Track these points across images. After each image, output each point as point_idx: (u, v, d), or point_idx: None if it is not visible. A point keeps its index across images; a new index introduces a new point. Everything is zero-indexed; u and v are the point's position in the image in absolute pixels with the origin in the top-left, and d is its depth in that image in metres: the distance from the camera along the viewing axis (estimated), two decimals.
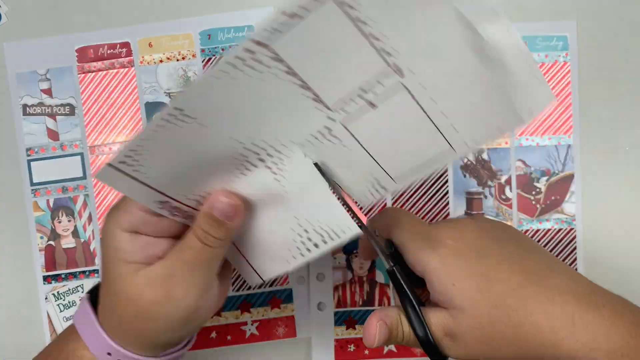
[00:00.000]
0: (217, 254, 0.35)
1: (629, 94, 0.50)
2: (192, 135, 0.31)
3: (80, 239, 0.49)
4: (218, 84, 0.29)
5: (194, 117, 0.30)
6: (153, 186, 0.33)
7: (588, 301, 0.33)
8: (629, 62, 0.50)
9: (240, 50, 0.28)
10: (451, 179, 0.49)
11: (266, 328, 0.50)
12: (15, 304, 0.49)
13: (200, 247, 0.34)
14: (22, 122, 0.49)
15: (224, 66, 0.28)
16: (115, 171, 0.31)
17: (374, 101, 0.31)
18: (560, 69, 0.49)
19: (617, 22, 0.50)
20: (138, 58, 0.50)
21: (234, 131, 0.32)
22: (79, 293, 0.49)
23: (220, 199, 0.34)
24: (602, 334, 0.32)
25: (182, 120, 0.30)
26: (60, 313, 0.49)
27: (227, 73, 0.29)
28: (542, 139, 0.49)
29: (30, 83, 0.49)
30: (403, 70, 0.29)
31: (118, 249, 0.35)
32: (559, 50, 0.49)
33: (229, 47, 0.50)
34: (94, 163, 0.50)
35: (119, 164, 0.31)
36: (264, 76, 0.29)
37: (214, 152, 0.32)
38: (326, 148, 0.33)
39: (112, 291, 0.35)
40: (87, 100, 0.49)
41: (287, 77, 0.29)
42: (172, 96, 0.49)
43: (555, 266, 0.36)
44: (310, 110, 0.31)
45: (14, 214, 0.49)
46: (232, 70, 0.28)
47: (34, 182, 0.49)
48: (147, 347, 0.36)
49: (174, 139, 0.31)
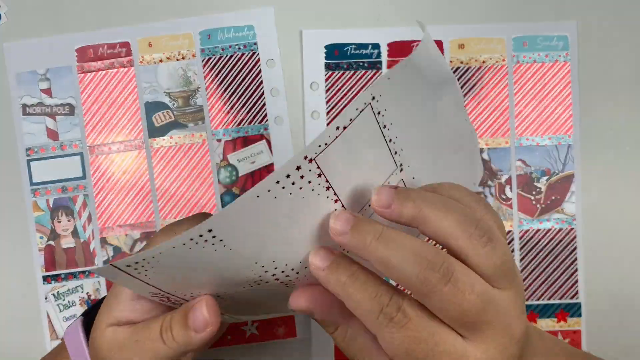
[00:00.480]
0: (168, 354, 0.33)
1: (629, 94, 0.50)
2: (213, 255, 0.28)
3: (80, 238, 0.49)
4: (259, 204, 0.26)
5: (221, 239, 0.27)
6: (154, 285, 0.31)
7: None
8: (629, 62, 0.50)
9: (291, 168, 0.25)
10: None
11: (266, 328, 0.50)
12: (14, 304, 0.49)
13: (157, 338, 0.33)
14: (22, 122, 0.49)
15: (272, 185, 0.26)
16: (118, 271, 0.29)
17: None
18: (560, 68, 0.49)
19: (618, 22, 0.50)
20: (138, 58, 0.50)
21: (260, 255, 0.28)
22: (79, 293, 0.49)
23: (201, 309, 0.32)
24: None
25: (208, 242, 0.27)
26: (60, 313, 0.49)
27: (270, 192, 0.26)
28: (542, 138, 0.49)
29: (30, 83, 0.49)
30: (403, 166, 0.30)
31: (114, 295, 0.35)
32: (559, 50, 0.49)
33: (229, 46, 0.50)
34: (94, 163, 0.50)
35: (126, 267, 0.29)
36: (305, 193, 0.27)
37: (229, 271, 0.29)
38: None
39: (94, 327, 0.36)
40: (86, 100, 0.49)
41: (326, 193, 0.27)
42: (171, 95, 0.49)
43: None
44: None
45: (14, 214, 0.49)
46: (277, 190, 0.26)
47: (34, 182, 0.49)
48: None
49: (192, 257, 0.28)
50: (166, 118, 0.50)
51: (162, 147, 0.50)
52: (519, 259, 0.49)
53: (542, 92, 0.49)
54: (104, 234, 0.49)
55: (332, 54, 0.49)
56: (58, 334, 0.49)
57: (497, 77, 0.49)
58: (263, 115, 0.50)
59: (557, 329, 0.49)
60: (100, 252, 0.49)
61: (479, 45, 0.49)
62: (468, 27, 0.49)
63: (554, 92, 0.49)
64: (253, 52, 0.50)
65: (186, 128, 0.50)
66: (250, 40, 0.50)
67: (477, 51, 0.49)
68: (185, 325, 0.32)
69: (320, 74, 0.49)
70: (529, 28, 0.49)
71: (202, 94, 0.50)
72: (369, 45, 0.49)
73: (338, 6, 0.50)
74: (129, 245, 0.49)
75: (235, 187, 0.50)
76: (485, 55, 0.49)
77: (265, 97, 0.50)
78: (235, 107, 0.50)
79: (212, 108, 0.50)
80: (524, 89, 0.49)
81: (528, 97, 0.49)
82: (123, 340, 0.34)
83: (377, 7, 0.50)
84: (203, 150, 0.50)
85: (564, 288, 0.49)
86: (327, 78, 0.49)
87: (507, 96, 0.49)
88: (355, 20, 0.50)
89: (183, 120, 0.50)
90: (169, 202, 0.50)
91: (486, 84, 0.49)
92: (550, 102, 0.49)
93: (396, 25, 0.50)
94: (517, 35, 0.49)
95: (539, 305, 0.49)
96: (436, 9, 0.50)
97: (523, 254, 0.49)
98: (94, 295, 0.49)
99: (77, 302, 0.49)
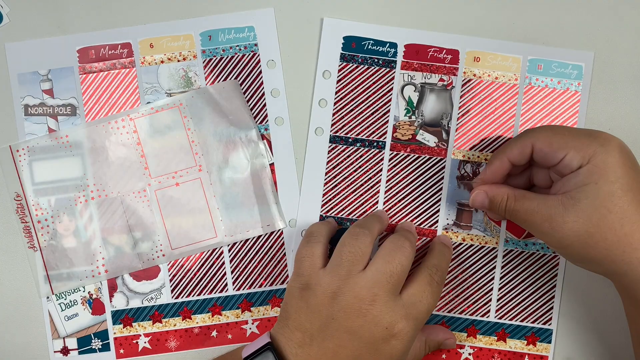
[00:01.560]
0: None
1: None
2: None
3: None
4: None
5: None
6: None
7: None
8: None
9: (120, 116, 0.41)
10: (445, 188, 0.50)
11: (267, 327, 0.50)
12: (16, 304, 0.49)
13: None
14: (24, 122, 0.49)
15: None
16: None
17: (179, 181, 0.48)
18: (570, 97, 0.49)
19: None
20: (139, 59, 0.50)
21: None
22: (80, 292, 0.49)
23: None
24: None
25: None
26: (62, 312, 0.49)
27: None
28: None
29: (32, 83, 0.50)
30: (202, 168, 0.47)
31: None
32: (572, 79, 0.49)
33: (230, 47, 0.50)
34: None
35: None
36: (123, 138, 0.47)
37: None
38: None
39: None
40: (88, 100, 0.50)
41: (136, 147, 0.47)
42: (172, 95, 0.50)
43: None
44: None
45: (15, 214, 0.49)
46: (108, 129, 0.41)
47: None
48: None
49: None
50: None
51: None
52: (499, 276, 0.49)
53: (549, 118, 0.49)
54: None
55: (349, 45, 0.50)
56: (60, 333, 0.49)
57: (507, 95, 0.49)
58: (264, 115, 0.50)
59: (525, 352, 0.49)
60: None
61: (494, 60, 0.49)
62: (486, 42, 0.49)
63: (560, 119, 0.49)
64: (254, 53, 0.50)
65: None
66: (251, 41, 0.50)
67: (491, 66, 0.49)
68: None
69: (335, 63, 0.50)
70: (547, 52, 0.49)
71: None
72: (387, 43, 0.50)
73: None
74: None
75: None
76: (499, 72, 0.49)
77: (266, 98, 0.50)
78: None
79: None
80: (532, 111, 0.49)
81: (534, 119, 0.49)
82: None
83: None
84: None
85: (539, 312, 0.49)
86: (340, 68, 0.50)
87: (514, 115, 0.49)
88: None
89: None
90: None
91: (495, 101, 0.49)
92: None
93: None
94: (534, 57, 0.49)
95: (512, 325, 0.49)
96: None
97: (504, 272, 0.49)
98: (95, 294, 0.49)
99: (79, 302, 0.49)
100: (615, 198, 0.39)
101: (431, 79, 0.49)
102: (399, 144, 0.50)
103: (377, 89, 0.50)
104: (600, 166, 0.39)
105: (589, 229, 0.39)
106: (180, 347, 0.50)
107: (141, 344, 0.50)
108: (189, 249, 0.49)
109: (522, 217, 0.42)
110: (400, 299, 0.42)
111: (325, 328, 0.41)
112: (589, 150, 0.40)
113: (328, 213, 0.50)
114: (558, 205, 0.40)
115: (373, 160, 0.49)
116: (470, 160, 0.49)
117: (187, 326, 0.50)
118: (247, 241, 0.50)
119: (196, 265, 0.50)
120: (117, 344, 0.49)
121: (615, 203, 0.39)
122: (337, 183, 0.50)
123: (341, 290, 0.41)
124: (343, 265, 0.42)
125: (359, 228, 0.44)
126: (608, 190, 0.39)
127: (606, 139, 0.40)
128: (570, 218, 0.39)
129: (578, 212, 0.39)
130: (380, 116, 0.49)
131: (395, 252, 0.42)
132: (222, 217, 0.49)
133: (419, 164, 0.50)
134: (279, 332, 0.43)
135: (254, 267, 0.50)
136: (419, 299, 0.42)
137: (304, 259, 0.43)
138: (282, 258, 0.50)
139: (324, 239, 0.45)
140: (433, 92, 0.49)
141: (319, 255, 0.43)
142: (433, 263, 0.45)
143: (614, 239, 0.39)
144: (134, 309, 0.50)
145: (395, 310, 0.41)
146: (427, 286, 0.43)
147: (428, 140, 0.50)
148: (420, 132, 0.50)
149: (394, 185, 0.50)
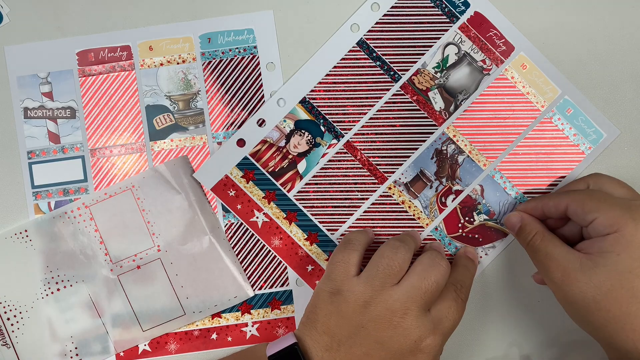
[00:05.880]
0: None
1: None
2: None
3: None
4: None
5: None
6: None
7: None
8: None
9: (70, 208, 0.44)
10: (420, 151, 0.49)
11: (267, 329, 0.50)
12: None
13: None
14: (23, 125, 0.49)
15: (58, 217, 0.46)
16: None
17: (140, 263, 0.49)
18: (575, 153, 0.49)
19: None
20: (138, 61, 0.50)
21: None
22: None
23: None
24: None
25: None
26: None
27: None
28: (511, 189, 0.49)
29: (31, 86, 0.50)
30: (161, 247, 0.48)
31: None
32: (588, 141, 0.49)
33: (229, 50, 0.50)
34: (95, 166, 0.50)
35: None
36: (80, 226, 0.48)
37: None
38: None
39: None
40: (87, 103, 0.50)
41: (94, 233, 0.49)
42: (172, 99, 0.50)
43: None
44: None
45: (16, 216, 0.49)
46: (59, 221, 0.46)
47: (35, 185, 0.49)
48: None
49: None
50: (167, 121, 0.50)
51: (163, 150, 0.50)
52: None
53: (546, 157, 0.49)
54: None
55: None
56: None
57: (524, 115, 0.49)
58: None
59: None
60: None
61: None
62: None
63: (555, 165, 0.49)
64: (253, 55, 0.50)
65: (187, 131, 0.50)
66: (250, 43, 0.50)
67: (529, 81, 0.50)
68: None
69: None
70: (577, 106, 0.49)
71: (202, 97, 0.50)
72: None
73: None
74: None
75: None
76: (533, 89, 0.50)
77: (265, 100, 0.50)
78: (236, 109, 0.50)
79: (213, 111, 0.50)
80: (534, 142, 0.49)
81: (533, 150, 0.49)
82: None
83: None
84: (204, 152, 0.50)
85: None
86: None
87: (519, 134, 0.49)
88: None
89: (184, 123, 0.50)
90: None
91: (511, 115, 0.49)
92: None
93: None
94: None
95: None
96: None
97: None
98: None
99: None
100: (632, 276, 0.39)
101: (477, 54, 0.50)
102: (410, 87, 0.50)
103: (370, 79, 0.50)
104: (627, 238, 0.39)
105: (596, 296, 0.39)
106: (180, 350, 0.50)
107: (141, 347, 0.50)
108: (160, 330, 0.49)
109: (540, 258, 0.43)
110: (429, 314, 0.42)
111: (354, 335, 0.41)
112: (620, 220, 0.40)
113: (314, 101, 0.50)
114: (577, 262, 0.40)
115: (380, 85, 0.50)
116: (457, 144, 0.49)
117: (186, 329, 0.50)
118: (246, 243, 0.50)
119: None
120: (117, 347, 0.49)
121: (631, 280, 0.39)
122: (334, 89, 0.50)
123: (374, 300, 0.42)
124: (379, 276, 0.42)
125: (400, 242, 0.44)
126: (628, 265, 0.39)
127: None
128: (584, 279, 0.40)
129: (592, 276, 0.39)
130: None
131: (431, 269, 0.42)
132: (187, 295, 0.49)
133: (413, 116, 0.50)
134: (306, 333, 0.43)
135: (253, 269, 0.50)
136: (446, 314, 0.43)
137: (338, 264, 0.44)
138: (281, 261, 0.50)
139: (361, 247, 0.45)
140: (469, 67, 0.50)
141: (354, 263, 0.44)
142: (457, 279, 0.45)
143: (617, 313, 0.39)
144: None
145: (425, 325, 0.41)
146: (452, 302, 0.43)
147: (436, 102, 0.49)
148: (436, 90, 0.50)
149: (381, 118, 0.49)
